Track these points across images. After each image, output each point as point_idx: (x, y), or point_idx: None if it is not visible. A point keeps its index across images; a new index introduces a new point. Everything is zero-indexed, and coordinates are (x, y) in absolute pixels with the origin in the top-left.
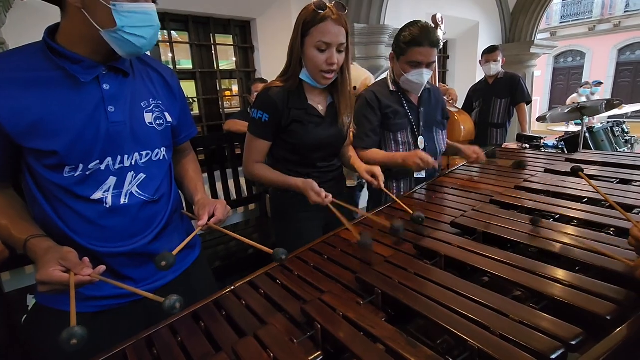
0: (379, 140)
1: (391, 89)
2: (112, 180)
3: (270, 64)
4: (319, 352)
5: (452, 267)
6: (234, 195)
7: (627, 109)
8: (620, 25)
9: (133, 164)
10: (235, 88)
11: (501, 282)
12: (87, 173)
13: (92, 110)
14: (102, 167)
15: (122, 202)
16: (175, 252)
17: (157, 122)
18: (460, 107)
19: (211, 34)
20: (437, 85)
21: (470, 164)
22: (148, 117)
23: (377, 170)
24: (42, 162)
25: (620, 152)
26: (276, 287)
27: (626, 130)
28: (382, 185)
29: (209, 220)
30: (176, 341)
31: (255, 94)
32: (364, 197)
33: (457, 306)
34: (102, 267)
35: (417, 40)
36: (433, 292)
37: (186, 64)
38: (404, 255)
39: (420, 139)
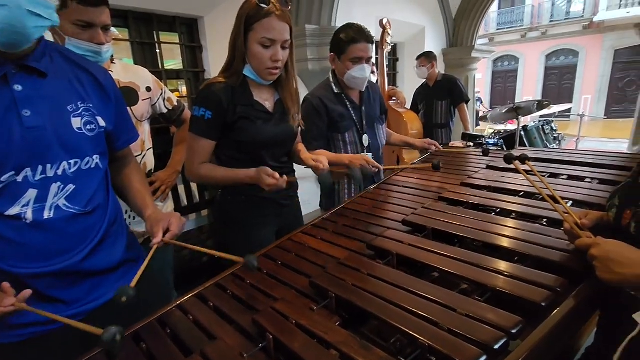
0: (326, 143)
1: (335, 92)
2: (32, 193)
3: (220, 64)
4: None
5: (404, 265)
6: (184, 202)
7: (555, 108)
8: (547, 33)
9: (60, 174)
10: (183, 89)
11: (449, 277)
12: (0, 186)
13: (1, 114)
14: (19, 179)
15: (45, 217)
16: (133, 284)
17: (88, 127)
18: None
19: (155, 32)
20: (387, 89)
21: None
22: (76, 122)
23: (322, 157)
24: None
25: (550, 148)
26: (226, 298)
27: (554, 128)
28: (327, 166)
29: (164, 235)
30: None
31: None
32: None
33: (408, 304)
34: (28, 292)
35: (355, 38)
36: (385, 292)
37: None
38: (357, 256)
39: (365, 137)
